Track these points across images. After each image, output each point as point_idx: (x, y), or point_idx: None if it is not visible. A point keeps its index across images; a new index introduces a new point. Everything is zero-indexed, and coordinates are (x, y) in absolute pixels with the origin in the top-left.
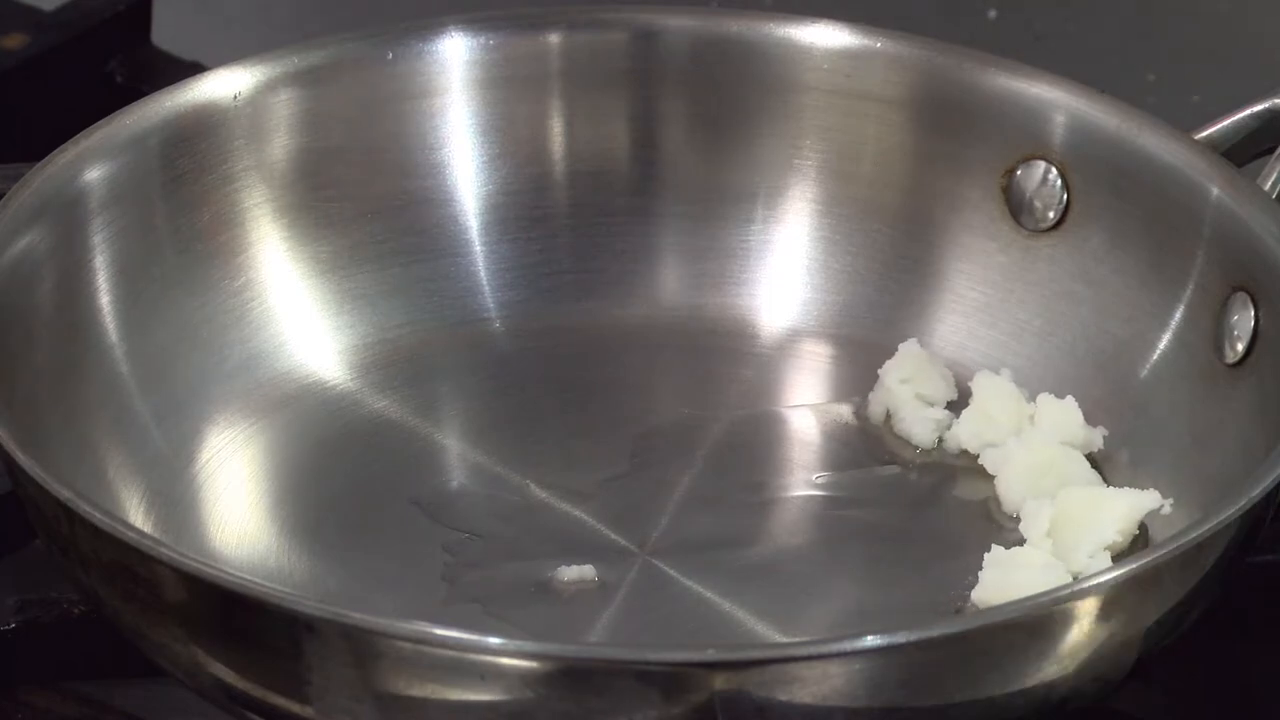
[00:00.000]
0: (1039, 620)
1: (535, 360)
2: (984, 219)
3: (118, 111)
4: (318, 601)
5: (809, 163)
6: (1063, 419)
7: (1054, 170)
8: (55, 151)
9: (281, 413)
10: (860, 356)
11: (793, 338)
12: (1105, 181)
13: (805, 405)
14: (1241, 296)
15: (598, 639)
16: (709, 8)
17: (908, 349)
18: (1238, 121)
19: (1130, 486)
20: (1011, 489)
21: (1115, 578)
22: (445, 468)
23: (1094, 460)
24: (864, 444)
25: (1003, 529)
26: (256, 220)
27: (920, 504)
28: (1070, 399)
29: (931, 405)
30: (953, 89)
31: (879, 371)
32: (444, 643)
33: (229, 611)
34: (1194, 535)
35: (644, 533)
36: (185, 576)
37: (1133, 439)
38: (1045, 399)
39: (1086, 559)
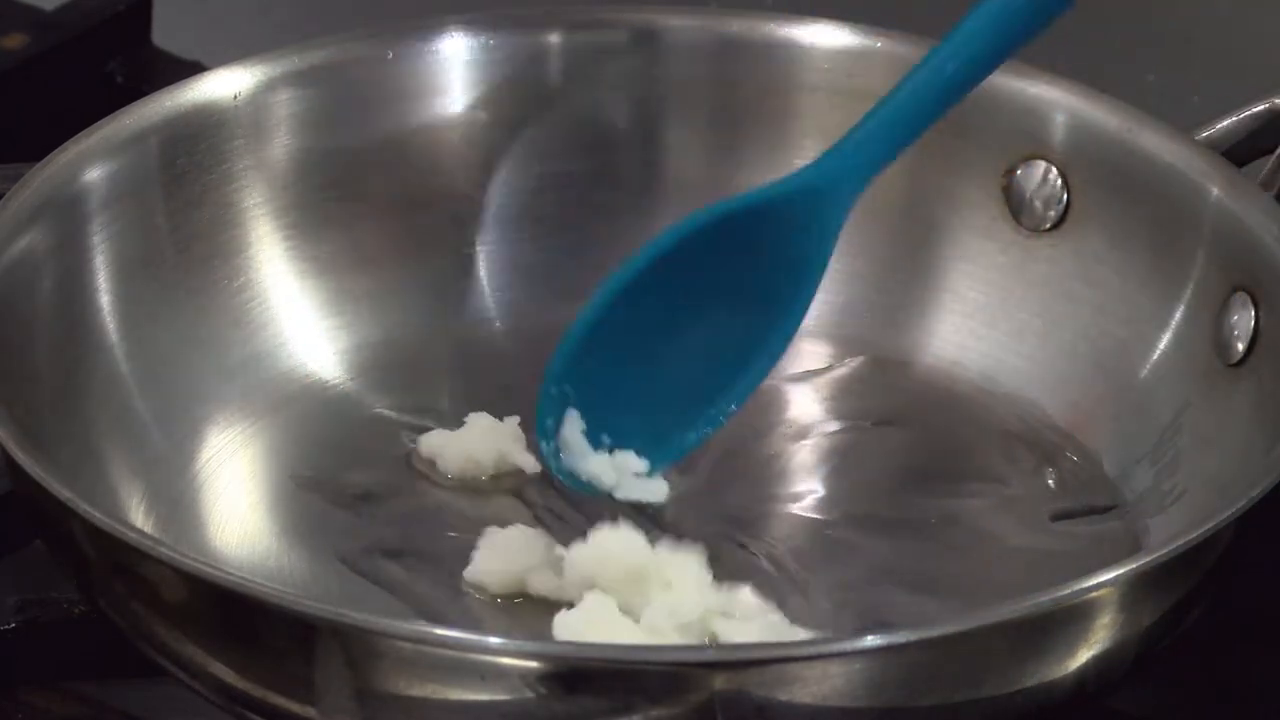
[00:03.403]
0: (1038, 620)
1: (535, 360)
2: (984, 219)
3: (118, 111)
4: (318, 601)
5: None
6: None
7: (1054, 170)
8: (55, 151)
9: (281, 413)
10: (860, 356)
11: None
12: (1105, 181)
13: (804, 405)
14: (1241, 296)
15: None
16: (709, 8)
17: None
18: (1238, 121)
19: (1129, 486)
20: None
21: (1115, 578)
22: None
23: (1094, 459)
24: None
25: None
26: (256, 220)
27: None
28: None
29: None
30: None
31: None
32: (444, 643)
33: (229, 611)
34: (1194, 535)
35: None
36: (185, 576)
37: (1133, 439)
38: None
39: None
